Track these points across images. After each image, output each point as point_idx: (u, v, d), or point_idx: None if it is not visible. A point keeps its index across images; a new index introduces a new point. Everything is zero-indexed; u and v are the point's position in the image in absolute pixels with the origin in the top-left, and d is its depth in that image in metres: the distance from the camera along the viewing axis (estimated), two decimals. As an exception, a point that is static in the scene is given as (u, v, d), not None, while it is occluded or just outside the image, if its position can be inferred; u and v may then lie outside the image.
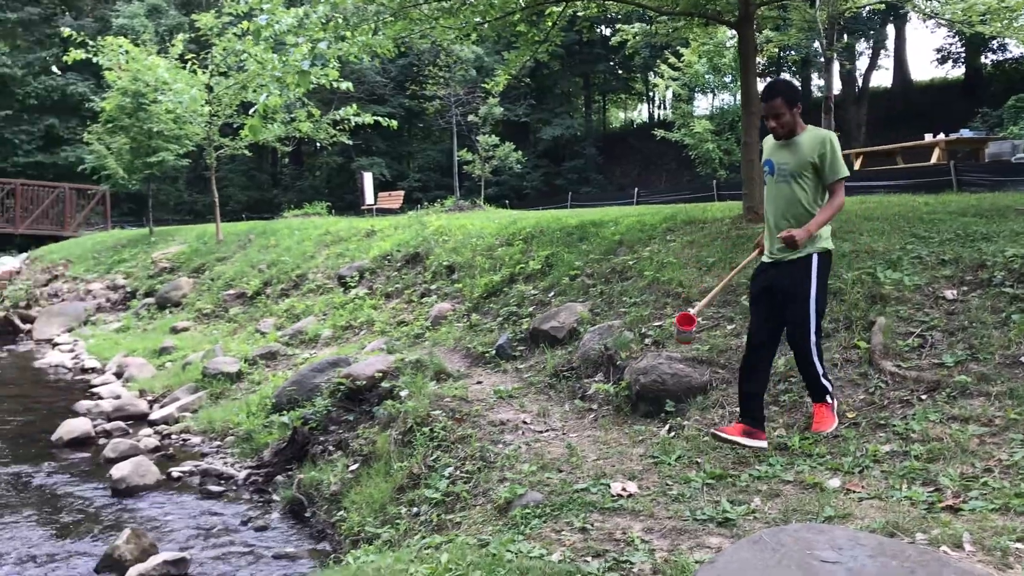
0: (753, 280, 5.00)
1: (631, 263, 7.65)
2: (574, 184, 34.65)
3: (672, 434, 5.34)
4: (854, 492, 4.22)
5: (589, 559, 3.80)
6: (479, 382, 7.00)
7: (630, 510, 4.29)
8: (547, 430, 5.80)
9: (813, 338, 4.66)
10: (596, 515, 4.28)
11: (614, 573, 3.64)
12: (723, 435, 4.78)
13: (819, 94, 33.17)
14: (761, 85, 7.72)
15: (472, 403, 6.38)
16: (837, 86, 28.52)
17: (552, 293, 8.06)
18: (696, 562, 3.57)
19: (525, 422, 5.96)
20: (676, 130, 21.78)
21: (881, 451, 4.60)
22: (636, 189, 23.60)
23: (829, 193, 4.64)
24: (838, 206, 4.61)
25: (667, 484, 4.57)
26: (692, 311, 5.15)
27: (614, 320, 6.83)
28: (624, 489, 4.52)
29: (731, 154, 20.18)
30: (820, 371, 4.76)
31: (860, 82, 34.42)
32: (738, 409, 5.05)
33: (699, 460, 4.84)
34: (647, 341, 6.35)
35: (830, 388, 4.85)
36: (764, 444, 4.78)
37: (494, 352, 7.59)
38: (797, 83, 6.18)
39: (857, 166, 16.69)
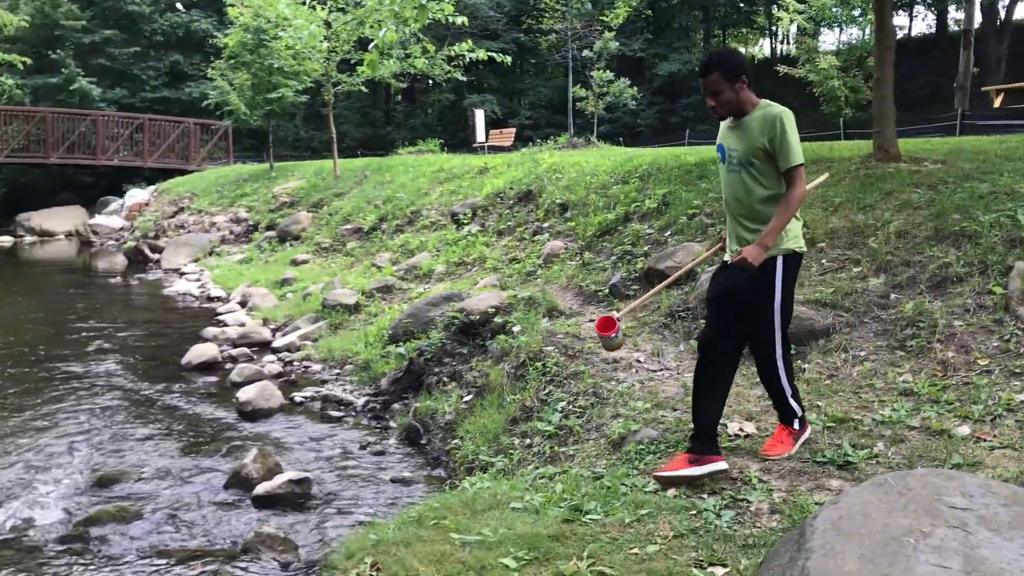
0: (713, 279, 4.25)
1: (752, 202, 7.46)
2: (690, 122, 33.86)
3: (792, 377, 5.23)
4: (985, 440, 4.08)
5: (705, 496, 3.79)
6: (592, 320, 6.99)
7: (747, 450, 4.25)
8: (661, 369, 5.77)
9: (780, 351, 4.05)
10: (712, 454, 4.25)
11: (731, 511, 3.62)
12: (667, 475, 3.97)
13: (957, 28, 31.33)
14: (896, 18, 7.35)
15: (585, 340, 6.39)
16: (977, 19, 26.84)
17: (668, 232, 7.94)
18: (815, 503, 3.53)
19: (639, 361, 5.95)
20: (800, 66, 20.90)
21: (1016, 400, 4.41)
22: (756, 127, 22.82)
23: (786, 184, 3.85)
24: (797, 200, 3.80)
25: (786, 426, 4.49)
26: (616, 314, 4.42)
27: (733, 260, 6.70)
28: (741, 429, 4.48)
29: (858, 92, 19.27)
30: (788, 391, 4.12)
31: (1003, 14, 32.25)
32: (851, 357, 4.88)
33: (820, 403, 4.74)
34: (767, 281, 6.21)
35: (799, 411, 4.19)
36: (723, 465, 3.95)
37: (607, 291, 7.56)
38: (742, 52, 5.49)
39: (996, 104, 15.71)
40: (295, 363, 9.08)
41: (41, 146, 29.32)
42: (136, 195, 27.53)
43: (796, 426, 4.20)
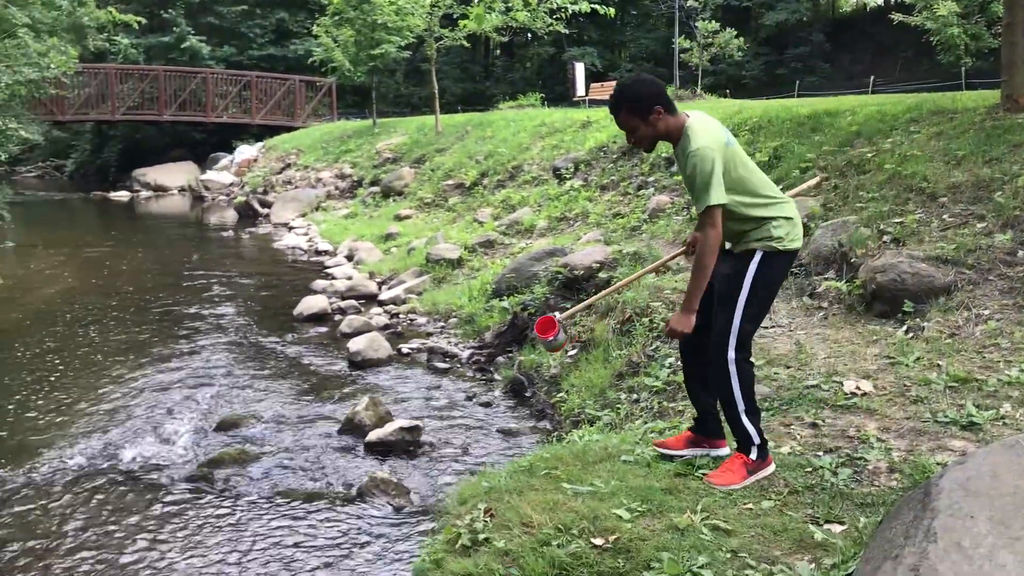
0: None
1: (870, 155, 7.19)
2: (798, 73, 32.73)
3: (910, 335, 5.07)
4: (1123, 405, 3.89)
5: (820, 454, 3.73)
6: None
7: (864, 409, 4.16)
8: (773, 326, 5.67)
9: (732, 352, 3.46)
10: (827, 412, 4.18)
11: (847, 469, 3.56)
12: (666, 452, 3.83)
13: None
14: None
15: (693, 296, 6.31)
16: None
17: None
18: (937, 464, 3.44)
19: (749, 317, 5.85)
20: (916, 14, 19.96)
21: None
22: (872, 78, 22.02)
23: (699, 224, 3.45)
24: (709, 248, 3.33)
25: (905, 385, 4.37)
26: (557, 315, 4.08)
27: (849, 216, 6.49)
28: (858, 388, 4.37)
29: (979, 39, 18.31)
30: (741, 406, 3.51)
31: None
32: (974, 316, 4.69)
33: (940, 363, 4.59)
34: (885, 238, 6.00)
35: (756, 438, 3.54)
36: (725, 451, 3.76)
37: (716, 245, 7.43)
38: (652, 78, 4.65)
39: None
40: (401, 316, 9.27)
41: (154, 104, 30.44)
42: (245, 151, 28.32)
43: (753, 455, 3.54)
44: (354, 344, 7.68)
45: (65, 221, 21.40)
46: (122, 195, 27.32)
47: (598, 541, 3.14)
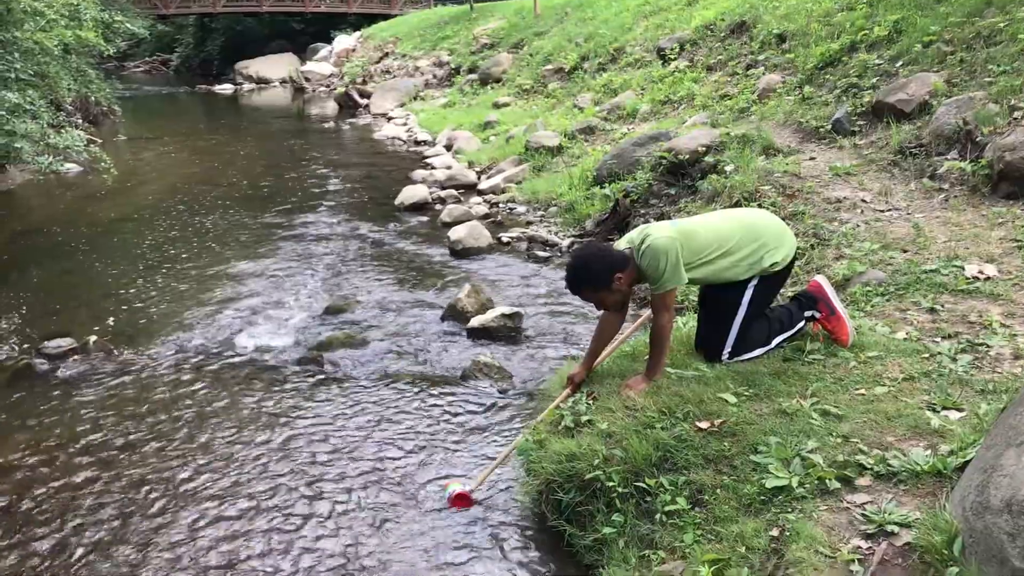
0: None
1: (1002, 25, 6.64)
2: (919, -56, 30.47)
3: (1040, 217, 4.77)
4: None
5: (939, 340, 3.58)
6: (812, 158, 6.61)
7: (987, 293, 3.96)
8: (889, 209, 5.41)
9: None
10: (947, 297, 4.00)
11: (967, 355, 3.41)
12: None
13: None
14: None
15: (805, 179, 6.07)
16: None
17: (900, 62, 7.26)
18: (1068, 352, 3.26)
19: (864, 200, 5.59)
20: None
21: None
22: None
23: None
24: (667, 336, 3.54)
25: (1033, 270, 4.13)
26: (469, 488, 3.67)
27: (976, 91, 6.05)
28: (981, 272, 4.15)
29: None
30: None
31: None
32: None
33: (1074, 247, 4.31)
34: (1016, 115, 5.58)
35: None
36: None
37: (829, 127, 7.08)
38: (599, 247, 4.23)
39: None
40: (500, 204, 9.23)
41: (253, -7, 30.57)
42: (343, 41, 28.26)
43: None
44: (455, 233, 7.71)
45: (173, 114, 21.93)
46: (226, 88, 27.77)
47: (703, 425, 3.10)
